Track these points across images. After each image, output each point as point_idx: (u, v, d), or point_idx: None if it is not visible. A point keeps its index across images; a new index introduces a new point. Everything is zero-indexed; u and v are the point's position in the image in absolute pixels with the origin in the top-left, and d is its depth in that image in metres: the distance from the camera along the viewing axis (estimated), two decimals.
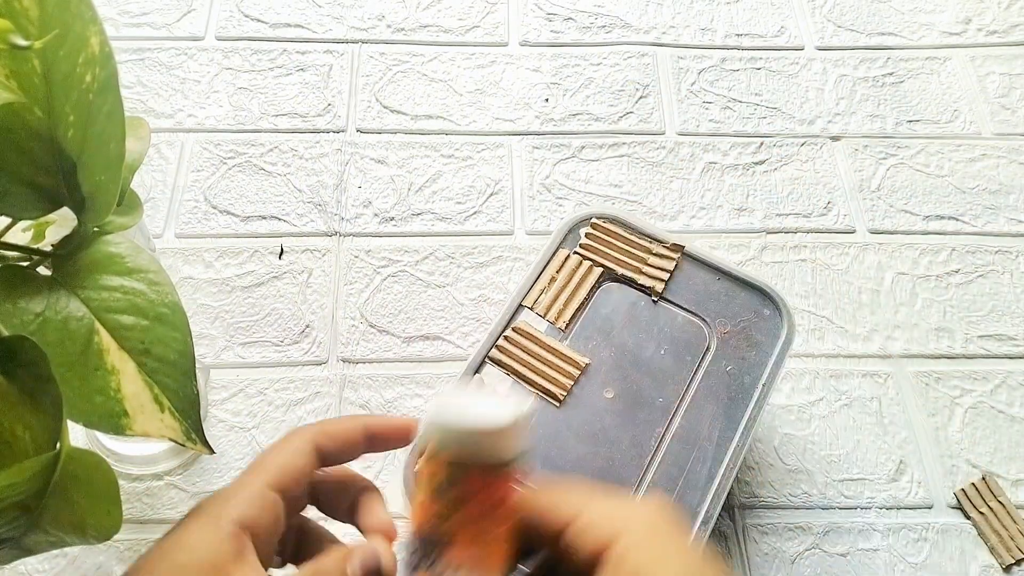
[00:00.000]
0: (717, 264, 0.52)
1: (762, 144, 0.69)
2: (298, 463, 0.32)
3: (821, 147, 0.69)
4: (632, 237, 0.53)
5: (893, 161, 0.68)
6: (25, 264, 0.34)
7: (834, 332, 0.60)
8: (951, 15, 0.77)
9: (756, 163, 0.68)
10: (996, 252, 0.64)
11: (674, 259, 0.51)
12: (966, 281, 0.63)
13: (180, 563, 0.29)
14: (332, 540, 0.35)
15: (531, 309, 0.50)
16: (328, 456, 0.33)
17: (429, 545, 0.31)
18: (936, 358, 0.59)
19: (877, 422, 0.57)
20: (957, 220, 0.66)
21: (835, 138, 0.70)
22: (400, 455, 0.53)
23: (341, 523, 0.34)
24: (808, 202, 0.66)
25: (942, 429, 0.57)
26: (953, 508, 0.54)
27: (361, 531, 0.33)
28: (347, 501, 0.33)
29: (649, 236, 0.53)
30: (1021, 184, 0.67)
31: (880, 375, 0.59)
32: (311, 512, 0.34)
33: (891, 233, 0.65)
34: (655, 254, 0.52)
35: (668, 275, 0.51)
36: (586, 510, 0.30)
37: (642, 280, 0.51)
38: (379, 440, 0.35)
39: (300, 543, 0.34)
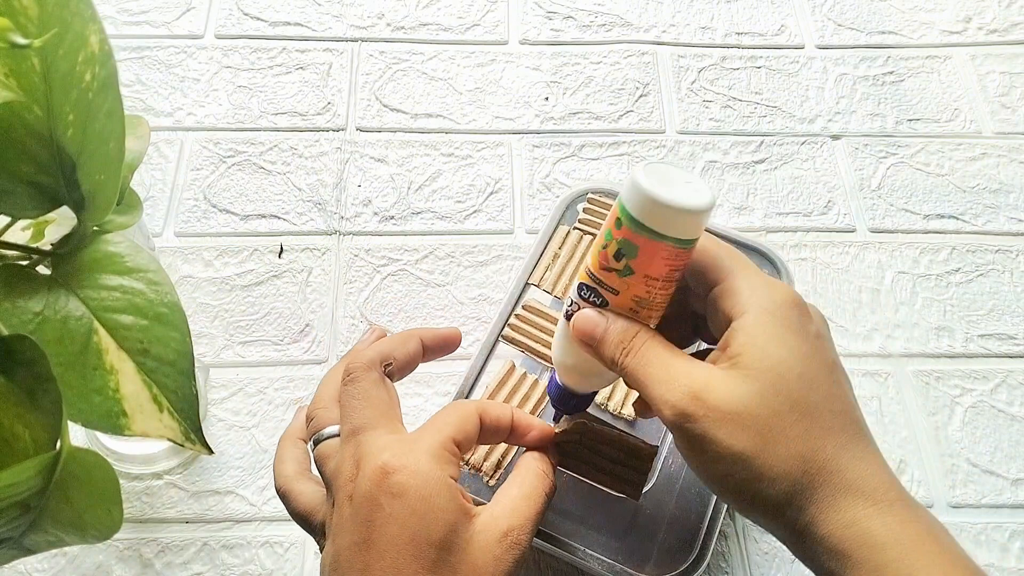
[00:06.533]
0: (713, 229, 0.52)
1: (762, 143, 0.69)
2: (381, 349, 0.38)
3: (821, 146, 0.69)
4: None
5: (893, 160, 0.68)
6: (24, 263, 0.34)
7: (834, 331, 0.60)
8: (951, 14, 0.77)
9: (756, 162, 0.68)
10: (996, 251, 0.64)
11: None
12: (966, 280, 0.63)
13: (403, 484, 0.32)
14: None
15: (537, 286, 0.50)
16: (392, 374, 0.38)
17: (592, 291, 0.35)
18: (936, 357, 0.59)
19: (877, 421, 0.56)
20: (957, 219, 0.66)
21: (835, 137, 0.69)
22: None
23: None
24: (808, 201, 0.66)
25: (942, 428, 0.57)
26: (953, 507, 0.54)
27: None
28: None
29: None
30: (1021, 183, 0.67)
31: (880, 374, 0.59)
32: None
33: (891, 232, 0.65)
34: None
35: None
36: (732, 276, 0.34)
37: None
38: (431, 351, 0.40)
39: None
